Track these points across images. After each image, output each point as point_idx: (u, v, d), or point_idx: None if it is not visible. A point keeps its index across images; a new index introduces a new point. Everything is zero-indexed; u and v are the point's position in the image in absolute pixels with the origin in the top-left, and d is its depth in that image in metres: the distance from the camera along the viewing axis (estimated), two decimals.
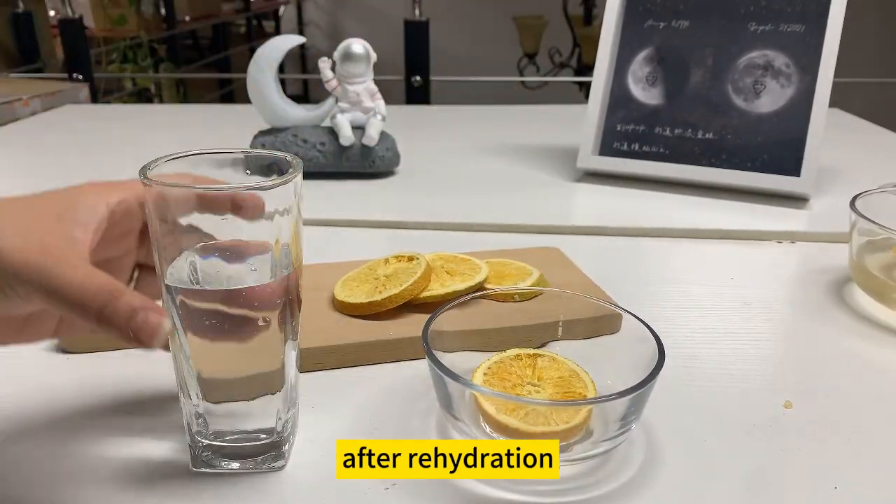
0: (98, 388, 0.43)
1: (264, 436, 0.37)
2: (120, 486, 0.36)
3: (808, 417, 0.42)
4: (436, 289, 0.51)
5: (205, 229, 0.34)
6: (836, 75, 0.78)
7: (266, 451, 0.37)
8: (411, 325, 0.48)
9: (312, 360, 0.46)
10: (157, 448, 0.38)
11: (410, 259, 0.53)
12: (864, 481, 0.37)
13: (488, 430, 0.38)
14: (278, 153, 0.36)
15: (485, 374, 0.41)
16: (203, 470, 0.37)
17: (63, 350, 0.47)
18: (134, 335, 0.30)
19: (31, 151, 1.02)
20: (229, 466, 0.37)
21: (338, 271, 0.54)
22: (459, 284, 0.51)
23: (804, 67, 0.80)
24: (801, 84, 0.80)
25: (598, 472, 0.37)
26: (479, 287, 0.52)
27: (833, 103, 0.86)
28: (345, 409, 0.42)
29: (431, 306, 0.46)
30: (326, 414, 0.42)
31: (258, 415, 0.36)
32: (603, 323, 0.47)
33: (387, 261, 0.54)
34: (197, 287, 0.34)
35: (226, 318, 0.33)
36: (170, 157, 0.34)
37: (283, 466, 0.37)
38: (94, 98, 1.71)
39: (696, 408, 0.43)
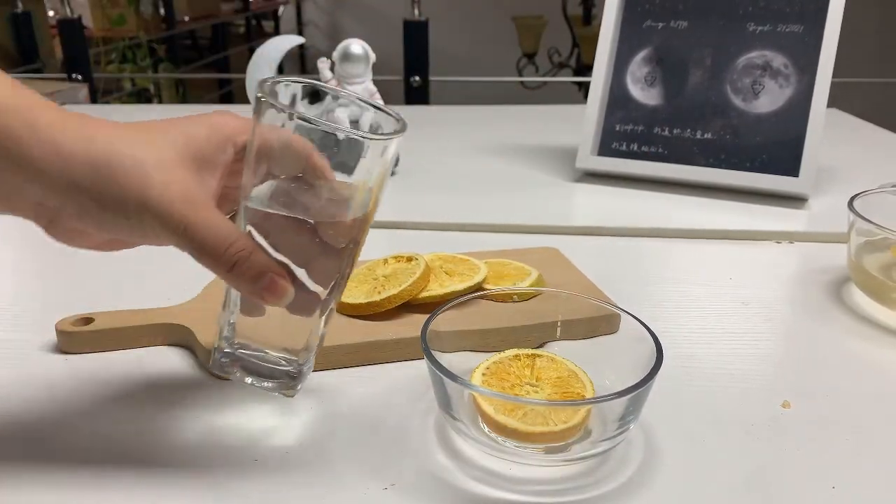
0: (96, 388, 0.43)
1: (284, 363, 0.38)
2: (108, 482, 0.36)
3: (807, 417, 0.42)
4: (435, 289, 0.51)
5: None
6: (834, 75, 0.78)
7: (281, 378, 0.38)
8: (410, 325, 0.48)
9: None
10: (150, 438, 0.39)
11: (409, 259, 0.53)
12: (863, 481, 0.37)
13: (487, 430, 0.38)
14: (389, 111, 0.37)
15: (483, 374, 0.41)
16: (217, 374, 0.38)
17: (62, 350, 0.47)
18: (259, 294, 0.34)
19: None
20: (244, 379, 0.38)
21: None
22: (458, 285, 0.51)
23: (803, 67, 0.80)
24: (799, 84, 0.80)
25: (596, 472, 0.37)
26: (478, 287, 0.52)
27: (832, 103, 0.87)
28: (344, 408, 0.42)
29: (430, 306, 0.46)
30: (326, 414, 0.42)
31: (286, 339, 0.37)
32: (601, 323, 0.47)
33: (386, 261, 0.54)
34: (273, 210, 0.35)
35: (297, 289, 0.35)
36: (290, 80, 0.36)
37: (293, 396, 0.39)
38: (94, 98, 1.71)
39: (694, 407, 0.43)
